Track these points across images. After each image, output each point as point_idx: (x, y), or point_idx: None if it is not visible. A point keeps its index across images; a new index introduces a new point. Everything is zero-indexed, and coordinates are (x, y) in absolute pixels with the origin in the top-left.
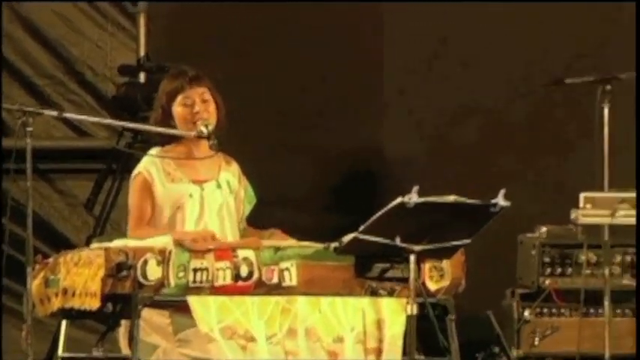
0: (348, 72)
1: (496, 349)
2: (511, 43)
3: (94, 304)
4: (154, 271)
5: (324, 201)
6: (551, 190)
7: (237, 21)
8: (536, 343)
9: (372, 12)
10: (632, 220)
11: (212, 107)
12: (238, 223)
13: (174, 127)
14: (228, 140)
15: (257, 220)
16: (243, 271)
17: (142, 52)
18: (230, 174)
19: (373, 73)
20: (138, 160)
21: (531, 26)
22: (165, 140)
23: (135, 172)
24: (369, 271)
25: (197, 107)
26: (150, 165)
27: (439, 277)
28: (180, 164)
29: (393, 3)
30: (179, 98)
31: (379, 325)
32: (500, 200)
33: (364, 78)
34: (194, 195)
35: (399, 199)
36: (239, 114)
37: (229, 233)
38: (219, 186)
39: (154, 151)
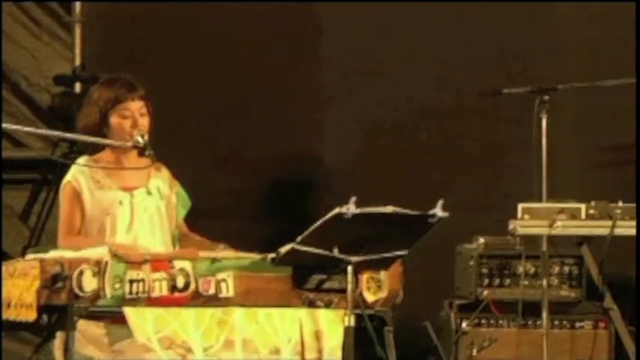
0: (285, 80)
1: None
2: (444, 50)
3: (29, 315)
4: (89, 283)
5: (258, 210)
6: (490, 201)
7: (171, 29)
8: (474, 354)
9: (309, 20)
10: (571, 231)
11: (147, 120)
12: (173, 228)
13: (105, 133)
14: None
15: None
16: (180, 282)
17: (78, 62)
18: (160, 180)
19: (310, 81)
20: None
21: (462, 32)
22: (94, 148)
23: (64, 181)
24: (307, 282)
25: (136, 120)
26: (78, 174)
27: (377, 288)
28: (109, 172)
29: (330, 10)
30: (118, 108)
31: (317, 336)
32: (439, 211)
33: (302, 87)
34: (124, 202)
35: (336, 210)
36: (170, 123)
37: (161, 240)
38: (149, 193)
39: (82, 159)
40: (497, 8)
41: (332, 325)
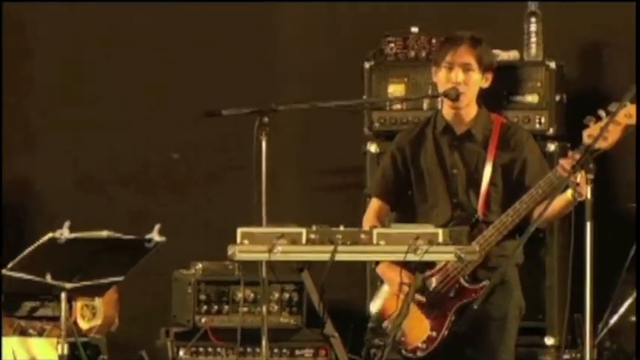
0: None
1: None
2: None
3: None
4: None
5: None
6: (209, 226)
7: None
8: None
9: None
10: (291, 256)
11: None
12: None
13: None
14: None
15: None
16: None
17: None
18: None
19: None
20: None
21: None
22: None
23: None
24: (18, 309)
25: None
26: None
27: (91, 315)
28: None
29: None
30: None
31: None
32: (156, 236)
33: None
34: None
35: (49, 235)
36: None
37: None
38: None
39: None
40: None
41: (45, 354)
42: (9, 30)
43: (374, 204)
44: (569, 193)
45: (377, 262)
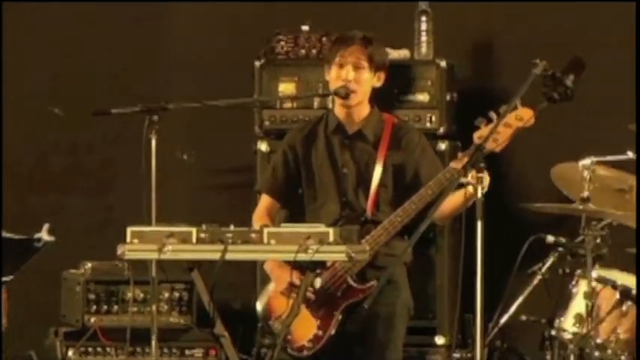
0: None
1: None
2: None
3: None
4: None
5: None
6: (99, 225)
7: None
8: None
9: None
10: (181, 255)
11: None
12: None
13: None
14: None
15: None
16: None
17: None
18: None
19: None
20: None
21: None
22: None
23: None
24: None
25: None
26: None
27: None
28: None
29: None
30: None
31: None
32: (45, 235)
33: None
34: None
35: None
36: None
37: None
38: None
39: None
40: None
41: None
42: None
43: (264, 201)
44: (467, 189)
45: None
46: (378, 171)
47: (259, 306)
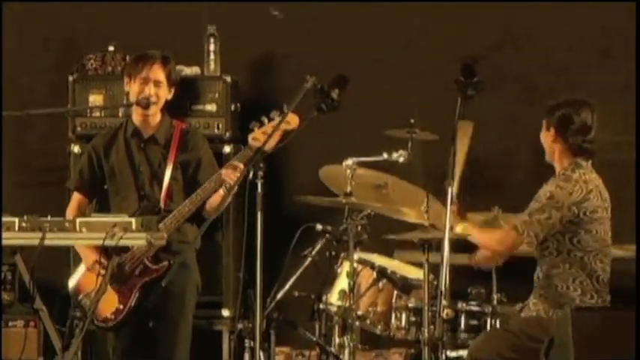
0: None
1: None
2: None
3: None
4: None
5: None
6: None
7: None
8: None
9: None
10: (4, 242)
11: None
12: None
13: None
14: None
15: None
16: None
17: None
18: None
19: None
20: None
21: None
22: None
23: None
24: None
25: None
26: None
27: None
28: None
29: None
30: None
31: None
32: None
33: None
34: None
35: None
36: None
37: None
38: None
39: None
40: None
41: None
42: None
43: (75, 197)
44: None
45: None
46: (169, 169)
47: (71, 284)
